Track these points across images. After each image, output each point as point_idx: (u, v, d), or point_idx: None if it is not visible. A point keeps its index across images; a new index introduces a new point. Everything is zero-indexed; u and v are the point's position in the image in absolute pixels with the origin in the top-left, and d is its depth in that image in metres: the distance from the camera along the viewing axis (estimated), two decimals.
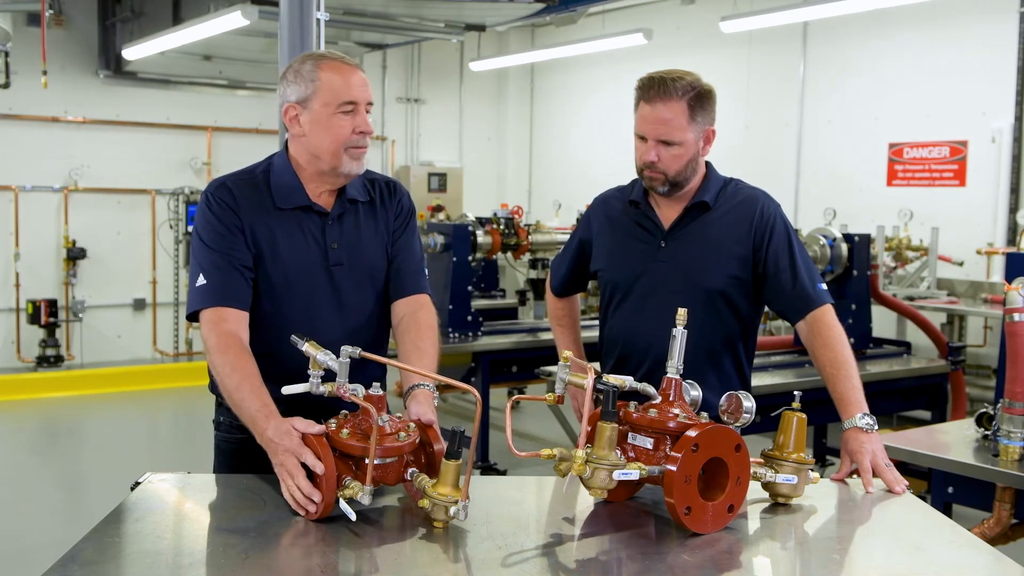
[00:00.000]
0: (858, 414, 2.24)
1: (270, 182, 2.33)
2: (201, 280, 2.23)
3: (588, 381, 1.89)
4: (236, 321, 2.21)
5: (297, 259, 2.29)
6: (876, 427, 2.24)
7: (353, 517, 1.82)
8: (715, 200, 2.51)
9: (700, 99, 2.41)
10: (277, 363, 2.19)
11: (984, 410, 3.07)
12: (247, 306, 2.24)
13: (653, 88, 2.41)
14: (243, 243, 2.26)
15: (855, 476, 2.21)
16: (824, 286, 2.50)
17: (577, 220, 2.72)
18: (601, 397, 1.87)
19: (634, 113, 2.46)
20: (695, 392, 2.00)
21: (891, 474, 2.17)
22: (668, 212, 2.53)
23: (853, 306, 5.14)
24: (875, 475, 2.18)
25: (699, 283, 2.47)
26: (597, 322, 2.75)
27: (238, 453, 2.33)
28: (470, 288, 5.74)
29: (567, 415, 5.53)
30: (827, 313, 2.44)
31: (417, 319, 2.37)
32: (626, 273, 2.55)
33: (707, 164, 2.57)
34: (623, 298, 2.56)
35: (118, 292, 9.53)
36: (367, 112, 2.28)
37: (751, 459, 1.94)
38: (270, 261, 2.28)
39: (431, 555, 1.78)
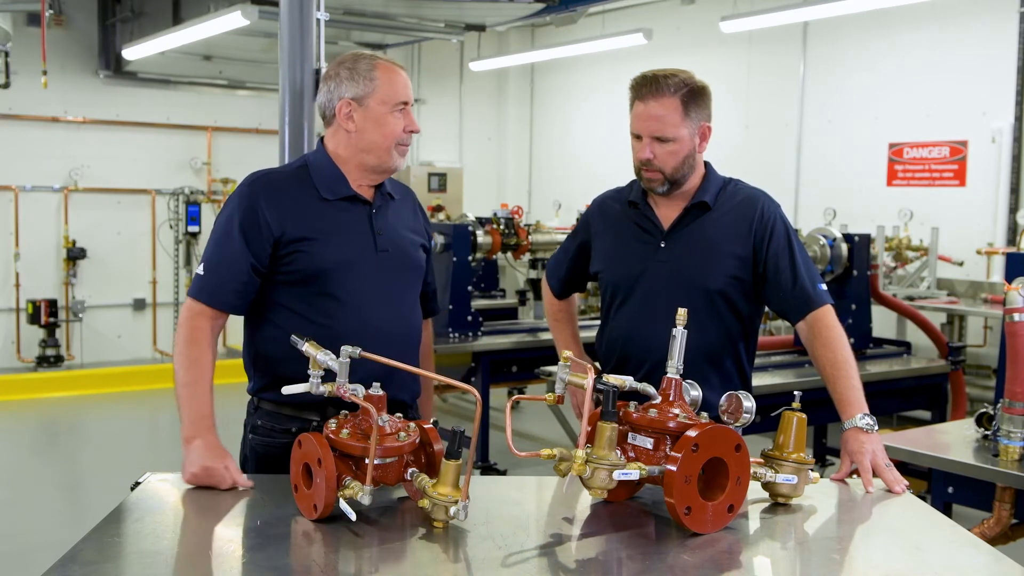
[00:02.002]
0: (858, 414, 2.24)
1: (311, 176, 2.37)
2: (200, 270, 2.32)
3: (588, 381, 1.90)
4: (212, 318, 2.29)
5: (348, 246, 2.33)
6: (876, 427, 2.24)
7: (353, 517, 1.82)
8: (715, 200, 2.51)
9: (694, 95, 2.41)
10: (333, 346, 2.16)
11: (984, 410, 3.06)
12: (232, 310, 2.31)
13: (646, 86, 2.41)
14: (257, 249, 2.27)
15: (855, 476, 2.21)
16: (824, 286, 2.49)
17: (577, 220, 2.73)
18: (601, 397, 1.87)
19: (629, 113, 2.47)
20: (695, 392, 2.00)
21: (891, 474, 2.17)
22: (667, 212, 2.52)
23: (853, 306, 5.13)
24: (875, 475, 2.18)
25: (699, 283, 2.45)
26: (597, 322, 2.74)
27: (282, 459, 2.25)
28: (470, 288, 5.74)
29: (567, 415, 5.53)
30: (827, 314, 2.44)
31: (426, 349, 2.62)
32: (626, 274, 2.53)
33: (706, 164, 2.56)
34: (624, 299, 2.54)
35: (118, 292, 9.53)
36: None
37: (751, 459, 1.94)
38: (320, 249, 2.30)
39: (431, 555, 1.78)
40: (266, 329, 2.35)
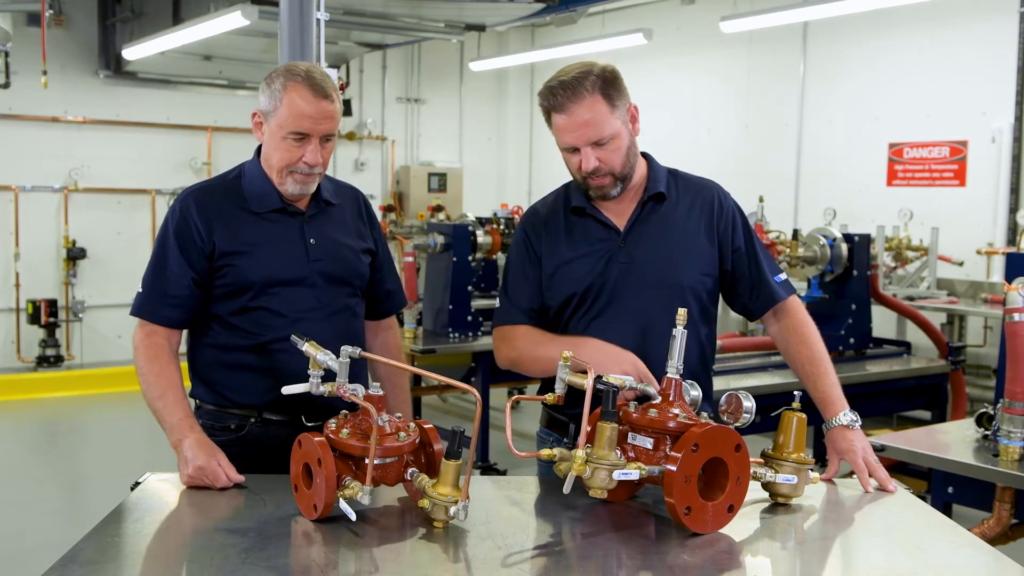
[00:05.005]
0: (842, 412, 2.22)
1: (243, 187, 2.38)
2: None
3: (588, 381, 1.90)
4: (166, 336, 2.34)
5: (278, 257, 2.34)
6: (859, 422, 2.22)
7: (353, 517, 1.82)
8: (667, 190, 2.34)
9: (610, 84, 2.22)
10: (266, 356, 2.32)
11: (984, 410, 3.06)
12: (177, 325, 2.35)
13: (561, 94, 2.22)
14: (196, 262, 2.31)
15: (852, 476, 2.21)
16: (784, 276, 2.40)
17: (512, 249, 2.47)
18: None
19: (549, 129, 2.30)
20: (695, 392, 1.99)
21: (883, 472, 2.17)
22: (619, 210, 2.33)
23: (853, 306, 5.13)
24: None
25: (671, 279, 2.28)
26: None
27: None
28: (470, 288, 5.74)
29: None
30: (798, 307, 2.37)
31: (389, 348, 2.61)
32: (582, 284, 2.29)
33: (645, 154, 2.39)
34: (585, 312, 2.30)
35: (118, 292, 9.51)
36: (327, 142, 2.30)
37: (751, 459, 1.94)
38: (249, 262, 2.31)
39: (431, 555, 1.78)
40: (204, 338, 2.40)
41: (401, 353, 2.70)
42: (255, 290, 2.31)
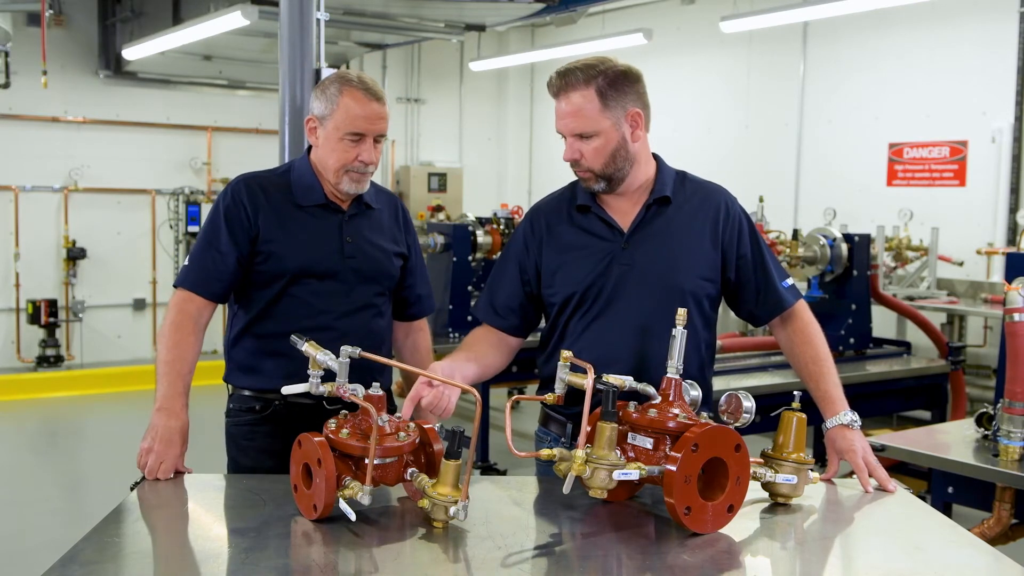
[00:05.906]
0: (842, 411, 2.22)
1: (291, 180, 2.52)
2: (187, 262, 2.49)
3: (588, 381, 1.90)
4: (200, 307, 2.43)
5: (315, 251, 2.46)
6: (859, 423, 2.22)
7: (353, 517, 1.82)
8: (673, 193, 2.32)
9: (612, 82, 2.20)
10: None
11: (984, 410, 3.07)
12: (216, 298, 2.45)
13: (559, 80, 2.23)
14: (241, 242, 2.44)
15: (853, 476, 2.21)
16: (791, 281, 2.40)
17: (506, 244, 2.53)
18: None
19: None
20: (695, 392, 1.99)
21: (882, 472, 2.18)
22: (624, 210, 2.31)
23: (853, 306, 5.13)
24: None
25: (672, 283, 2.26)
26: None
27: (249, 436, 2.49)
28: (470, 288, 5.74)
29: None
30: (805, 310, 2.37)
31: (419, 349, 2.73)
32: (583, 283, 2.28)
33: (656, 156, 2.37)
34: (585, 311, 2.29)
35: (118, 292, 9.53)
36: (378, 142, 2.45)
37: (751, 459, 1.94)
38: (287, 252, 2.44)
39: (431, 555, 1.78)
40: (237, 322, 2.53)
41: (430, 354, 2.77)
42: (289, 278, 2.43)
